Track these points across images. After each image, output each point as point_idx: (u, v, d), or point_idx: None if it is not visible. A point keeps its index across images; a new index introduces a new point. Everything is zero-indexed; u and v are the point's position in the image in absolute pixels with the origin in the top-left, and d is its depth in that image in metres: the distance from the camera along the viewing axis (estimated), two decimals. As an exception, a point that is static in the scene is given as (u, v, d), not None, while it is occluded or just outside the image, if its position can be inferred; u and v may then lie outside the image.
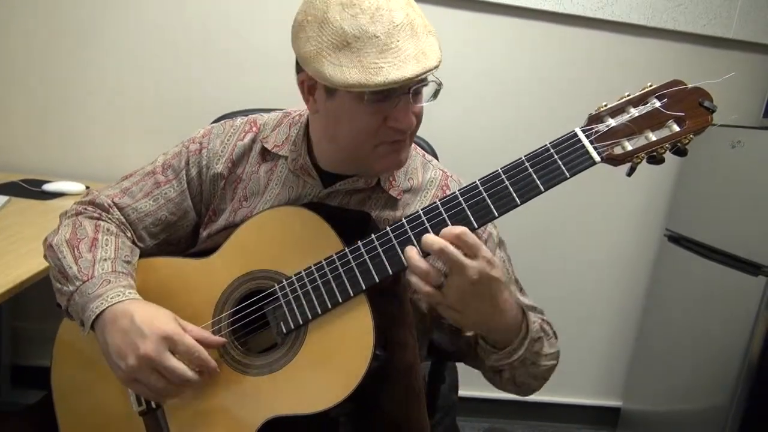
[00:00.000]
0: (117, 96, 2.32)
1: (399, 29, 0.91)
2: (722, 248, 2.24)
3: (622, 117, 0.89)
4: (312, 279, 0.97)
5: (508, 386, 1.08)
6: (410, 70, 0.90)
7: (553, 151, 0.89)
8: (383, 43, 0.90)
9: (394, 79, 0.89)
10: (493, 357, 1.01)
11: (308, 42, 0.94)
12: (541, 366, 1.04)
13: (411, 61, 0.90)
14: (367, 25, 0.90)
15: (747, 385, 2.10)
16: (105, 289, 0.99)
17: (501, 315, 0.93)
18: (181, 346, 0.94)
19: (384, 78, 0.89)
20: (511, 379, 1.05)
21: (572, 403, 2.80)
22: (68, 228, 1.11)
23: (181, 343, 0.94)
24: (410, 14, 0.93)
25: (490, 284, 0.88)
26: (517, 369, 1.02)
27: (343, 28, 0.90)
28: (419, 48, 0.92)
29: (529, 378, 1.05)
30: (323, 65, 0.91)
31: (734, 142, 2.25)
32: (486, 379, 1.12)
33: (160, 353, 0.92)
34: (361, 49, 0.89)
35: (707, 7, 2.45)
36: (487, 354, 1.02)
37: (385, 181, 1.12)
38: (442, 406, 1.84)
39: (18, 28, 2.23)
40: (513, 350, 0.98)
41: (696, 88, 0.89)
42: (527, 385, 1.08)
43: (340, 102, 0.98)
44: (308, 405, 0.94)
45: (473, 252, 0.86)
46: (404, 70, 0.89)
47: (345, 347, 0.94)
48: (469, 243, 0.85)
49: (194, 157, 1.18)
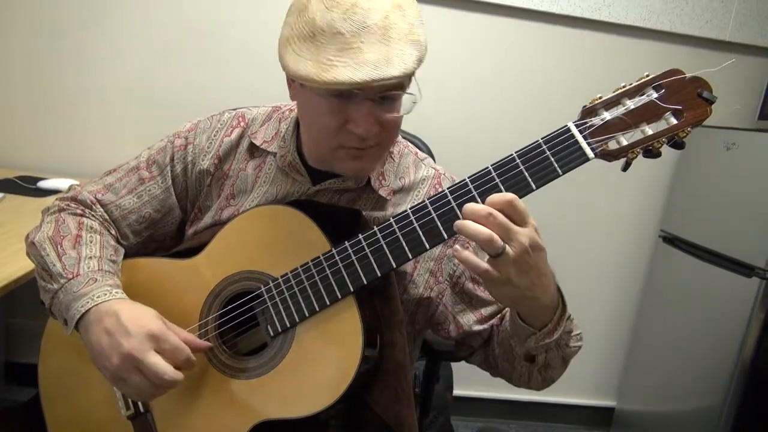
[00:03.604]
0: (113, 93, 2.29)
1: (367, 31, 0.85)
2: (716, 249, 2.23)
3: (618, 109, 0.84)
4: (299, 281, 0.94)
5: (534, 376, 1.00)
6: (362, 75, 0.83)
7: (545, 147, 0.84)
8: (345, 41, 0.84)
9: (341, 80, 0.83)
10: (532, 339, 0.91)
11: (286, 26, 0.92)
12: (572, 347, 0.97)
13: (367, 66, 0.84)
14: (336, 20, 0.85)
15: (740, 386, 2.08)
16: (91, 287, 0.95)
17: (545, 288, 0.85)
18: (167, 344, 0.89)
19: (332, 77, 0.84)
20: (544, 365, 0.96)
21: (566, 402, 2.79)
22: (51, 225, 1.07)
23: (167, 341, 0.89)
24: (391, 18, 0.86)
25: (540, 252, 0.81)
26: (551, 351, 0.93)
27: (315, 19, 0.86)
28: (384, 54, 0.85)
29: (558, 362, 0.97)
30: (287, 52, 0.89)
31: (729, 143, 2.23)
32: (500, 375, 1.06)
33: (143, 351, 0.87)
34: (324, 44, 0.85)
35: (704, 9, 2.44)
36: (522, 339, 0.93)
37: (375, 180, 1.07)
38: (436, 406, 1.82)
39: (13, 25, 2.21)
40: (552, 329, 0.90)
41: (695, 78, 0.83)
42: (554, 372, 0.99)
43: (308, 92, 0.95)
44: (297, 409, 0.91)
45: (522, 219, 0.80)
46: (356, 73, 0.83)
47: (333, 350, 0.91)
48: (519, 210, 0.79)
49: (179, 153, 1.13)
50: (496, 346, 1.05)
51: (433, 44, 2.39)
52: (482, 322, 1.07)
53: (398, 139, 1.13)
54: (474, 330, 1.07)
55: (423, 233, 0.86)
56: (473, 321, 1.07)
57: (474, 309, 1.08)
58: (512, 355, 0.99)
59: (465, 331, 1.07)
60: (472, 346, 1.10)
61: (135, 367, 0.87)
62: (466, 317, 1.07)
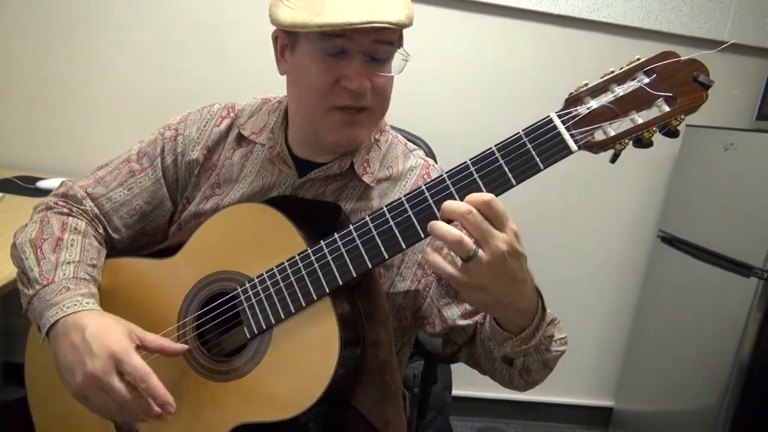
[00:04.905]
0: (113, 93, 2.28)
1: None
2: (715, 249, 2.22)
3: (605, 97, 0.77)
4: (274, 282, 0.91)
5: (515, 379, 0.97)
6: (354, 16, 0.84)
7: (526, 140, 0.77)
8: None
9: (334, 21, 0.85)
10: (508, 344, 0.88)
11: None
12: (553, 352, 0.93)
13: (359, 9, 0.85)
14: None
15: (738, 386, 2.07)
16: (62, 297, 0.93)
17: (522, 294, 0.81)
18: (127, 366, 0.84)
19: (325, 19, 0.85)
20: (522, 369, 0.94)
21: (565, 402, 2.77)
22: (35, 226, 1.05)
23: (128, 363, 0.84)
24: None
25: (518, 259, 0.76)
26: (530, 356, 0.90)
27: None
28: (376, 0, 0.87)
29: (539, 366, 0.93)
30: (279, 8, 0.90)
31: (727, 144, 2.22)
32: (485, 373, 1.03)
33: (106, 373, 0.83)
34: None
35: (701, 10, 2.43)
36: (499, 342, 0.90)
37: (359, 165, 1.04)
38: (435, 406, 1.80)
39: (13, 25, 2.19)
40: (530, 335, 0.86)
41: (691, 60, 0.76)
42: (536, 375, 0.96)
43: (300, 55, 0.95)
44: (274, 413, 0.89)
45: (501, 222, 0.74)
46: (349, 16, 0.84)
47: (310, 354, 0.88)
48: (498, 212, 0.74)
49: (170, 145, 1.12)
50: (478, 345, 1.01)
51: (433, 44, 2.39)
52: (467, 316, 1.03)
53: (387, 129, 1.12)
54: (458, 324, 1.02)
55: (399, 232, 0.82)
56: (458, 315, 1.03)
57: (459, 303, 1.04)
58: (492, 357, 0.96)
59: (449, 325, 1.03)
60: (456, 342, 1.05)
61: (98, 387, 0.85)
62: (450, 311, 1.03)
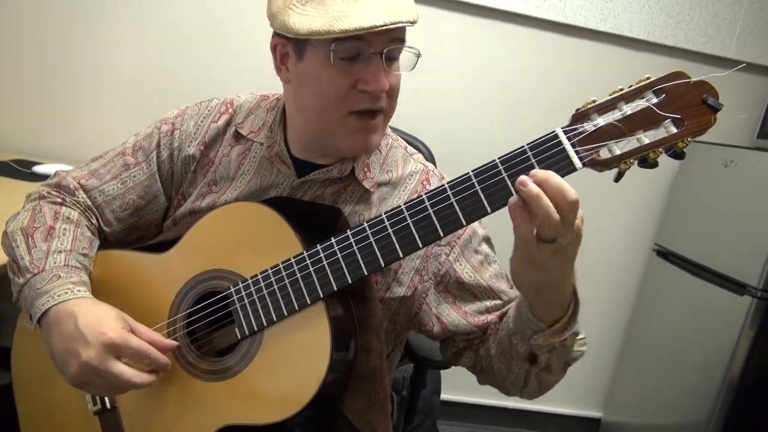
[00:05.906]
0: (112, 80, 2.25)
1: None
2: (710, 266, 2.20)
3: (613, 115, 0.74)
4: (268, 284, 0.88)
5: (531, 381, 0.95)
6: (379, 19, 0.83)
7: (530, 154, 0.76)
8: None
9: (360, 25, 0.83)
10: (539, 336, 0.86)
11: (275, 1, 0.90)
12: (575, 352, 0.91)
13: (380, 11, 0.84)
14: None
15: (726, 402, 2.05)
16: (53, 285, 0.92)
17: (569, 280, 0.81)
18: (128, 350, 0.85)
19: (350, 24, 0.83)
20: (544, 368, 0.91)
21: (553, 412, 2.75)
22: (27, 214, 1.04)
23: (127, 347, 0.85)
24: None
25: (576, 246, 0.76)
26: (555, 352, 0.88)
27: None
28: (390, 2, 0.85)
29: (559, 366, 0.92)
30: (289, 17, 0.86)
31: (727, 161, 2.20)
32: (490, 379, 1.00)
33: (103, 361, 0.83)
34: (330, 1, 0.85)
35: (708, 25, 2.41)
36: (528, 335, 0.87)
37: (360, 170, 1.01)
38: (423, 409, 1.78)
39: (11, 12, 2.17)
40: (562, 327, 0.84)
41: (700, 82, 0.74)
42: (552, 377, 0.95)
43: (309, 63, 0.92)
44: (260, 416, 0.87)
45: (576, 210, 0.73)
46: (372, 18, 0.83)
47: (300, 358, 0.86)
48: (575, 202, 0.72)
49: (166, 139, 1.09)
50: (492, 346, 0.97)
51: (439, 49, 2.36)
52: (466, 319, 1.01)
53: (387, 131, 1.09)
54: (458, 329, 1.01)
55: (397, 240, 0.80)
56: (457, 319, 1.01)
57: (457, 307, 1.02)
58: (511, 356, 0.93)
59: (449, 330, 1.01)
60: (457, 344, 1.04)
61: (95, 374, 0.84)
62: (450, 316, 1.01)
